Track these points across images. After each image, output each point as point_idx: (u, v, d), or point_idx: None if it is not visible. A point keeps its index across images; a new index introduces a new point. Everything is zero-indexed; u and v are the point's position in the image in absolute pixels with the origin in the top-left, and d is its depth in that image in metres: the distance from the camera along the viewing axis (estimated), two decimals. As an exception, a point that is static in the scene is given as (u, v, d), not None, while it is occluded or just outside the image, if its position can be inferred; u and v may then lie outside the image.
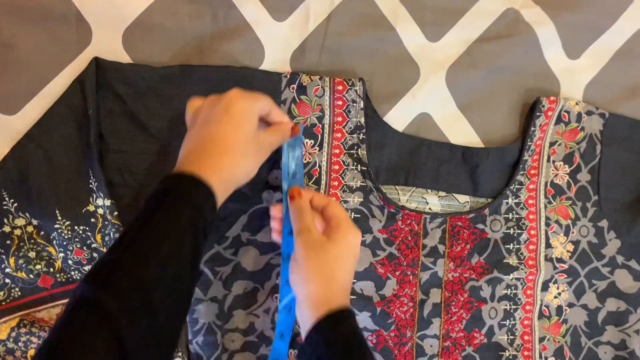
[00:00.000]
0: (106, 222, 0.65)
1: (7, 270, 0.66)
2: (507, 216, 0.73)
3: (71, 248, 0.66)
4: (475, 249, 0.72)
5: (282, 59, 0.70)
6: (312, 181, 0.69)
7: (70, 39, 0.67)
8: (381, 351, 0.70)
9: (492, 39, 0.74)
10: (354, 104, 0.70)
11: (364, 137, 0.70)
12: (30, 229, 0.66)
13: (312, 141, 0.70)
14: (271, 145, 0.59)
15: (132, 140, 0.68)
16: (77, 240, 0.66)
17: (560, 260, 0.74)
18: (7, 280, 0.66)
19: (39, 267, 0.66)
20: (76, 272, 0.67)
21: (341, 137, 0.70)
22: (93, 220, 0.66)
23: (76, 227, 0.66)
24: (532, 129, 0.73)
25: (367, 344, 0.55)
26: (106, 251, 0.49)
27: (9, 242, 0.65)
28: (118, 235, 0.49)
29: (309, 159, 0.70)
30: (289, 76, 0.69)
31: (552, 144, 0.74)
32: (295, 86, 0.69)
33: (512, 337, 0.73)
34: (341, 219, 0.60)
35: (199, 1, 0.69)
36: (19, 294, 0.66)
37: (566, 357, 0.74)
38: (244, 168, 0.56)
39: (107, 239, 0.66)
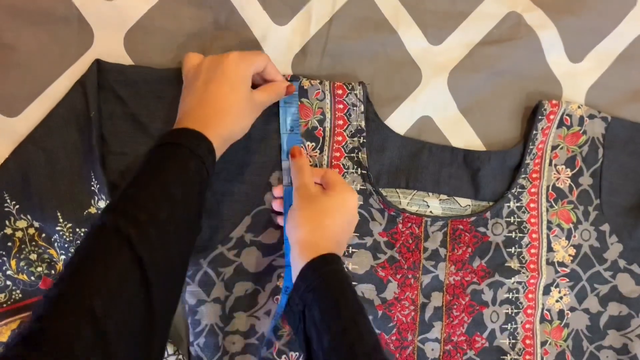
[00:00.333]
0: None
1: (9, 272, 0.66)
2: (509, 220, 0.73)
3: (72, 250, 0.66)
4: (477, 253, 0.72)
5: (284, 62, 0.70)
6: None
7: (71, 41, 0.67)
8: (382, 355, 0.70)
9: (494, 42, 0.74)
10: (355, 108, 0.69)
11: (364, 140, 0.70)
12: (31, 231, 0.66)
13: (314, 144, 0.70)
14: (264, 104, 0.64)
15: (133, 142, 0.67)
16: (79, 242, 0.66)
17: (561, 264, 0.74)
18: (9, 283, 0.66)
19: (40, 269, 0.66)
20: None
21: (342, 140, 0.70)
22: (95, 222, 0.66)
23: (78, 230, 0.65)
24: (534, 132, 0.72)
25: (352, 285, 0.59)
26: (122, 189, 0.51)
27: (10, 244, 0.65)
28: (133, 175, 0.53)
29: (311, 161, 0.70)
30: (289, 79, 0.69)
31: (554, 147, 0.74)
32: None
33: (513, 341, 0.73)
34: (337, 181, 0.64)
35: (201, 4, 0.69)
36: (20, 296, 0.66)
37: (568, 361, 0.74)
38: (239, 126, 0.61)
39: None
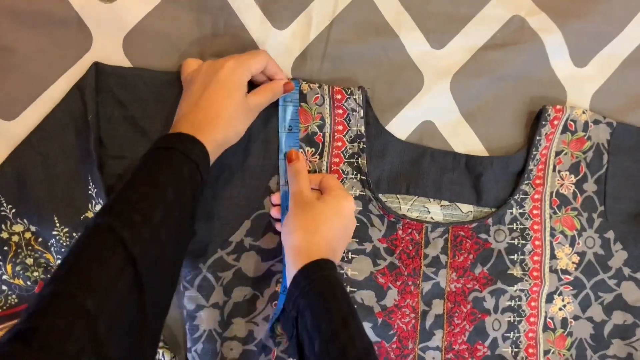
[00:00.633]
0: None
1: (4, 277, 0.65)
2: (511, 226, 0.72)
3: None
4: (479, 259, 0.71)
5: (283, 66, 0.69)
6: (312, 189, 0.68)
7: (70, 44, 0.67)
8: (382, 363, 0.69)
9: (497, 46, 0.73)
10: (354, 113, 0.69)
11: (364, 146, 0.69)
12: (28, 235, 0.65)
13: (313, 149, 0.69)
14: (259, 106, 0.65)
15: (132, 145, 0.67)
16: (74, 242, 0.65)
17: (565, 272, 0.73)
18: (4, 287, 0.66)
19: (36, 274, 0.66)
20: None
21: (342, 145, 0.69)
22: (91, 227, 0.65)
23: (74, 234, 0.65)
24: (538, 138, 0.71)
25: (346, 289, 0.59)
26: (117, 191, 0.52)
27: (6, 248, 0.65)
28: (128, 178, 0.53)
29: (310, 167, 0.69)
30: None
31: (557, 153, 0.73)
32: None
33: (516, 349, 0.72)
34: (334, 186, 0.65)
35: (200, 8, 0.69)
36: (16, 301, 0.66)
37: (571, 371, 0.73)
38: (234, 130, 0.62)
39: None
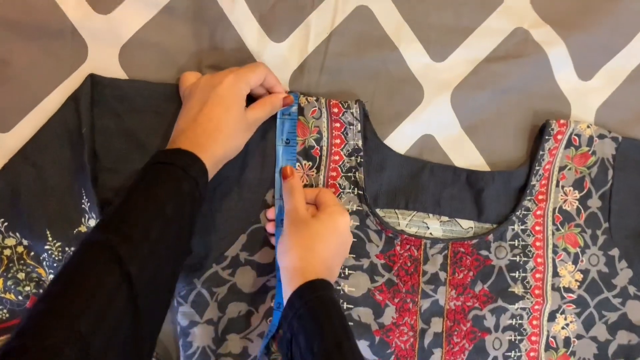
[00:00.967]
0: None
1: (-4, 291, 0.65)
2: (513, 243, 0.70)
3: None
4: (479, 277, 0.70)
5: (281, 79, 0.68)
6: (308, 203, 0.67)
7: (65, 56, 0.66)
8: (379, 382, 0.68)
9: (500, 59, 0.72)
10: (351, 127, 0.67)
11: (361, 160, 0.68)
12: (20, 249, 0.64)
13: (310, 163, 0.68)
14: (258, 120, 0.64)
15: (128, 159, 0.66)
16: (68, 257, 0.64)
17: (568, 290, 0.71)
18: (-5, 302, 0.65)
19: (28, 288, 0.65)
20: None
21: (339, 159, 0.68)
22: (84, 241, 0.64)
23: (67, 249, 0.64)
24: (541, 152, 0.70)
25: (342, 309, 0.58)
26: (114, 206, 0.52)
27: (-2, 262, 0.64)
28: (125, 193, 0.53)
29: (307, 180, 0.68)
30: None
31: (561, 168, 0.72)
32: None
33: (517, 368, 0.70)
34: (330, 202, 0.64)
35: (197, 20, 0.68)
36: (7, 315, 0.65)
37: (574, 392, 0.71)
38: (233, 145, 0.61)
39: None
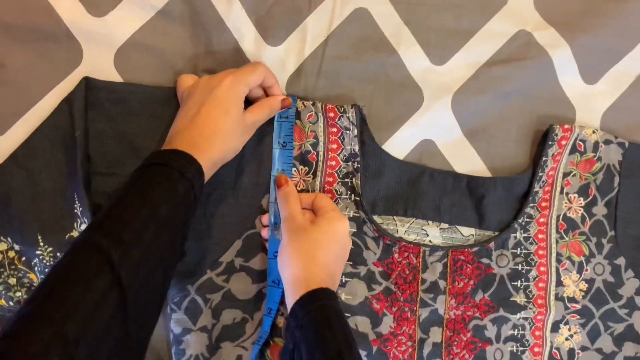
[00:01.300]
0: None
1: (-14, 297, 0.64)
2: (515, 251, 0.69)
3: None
4: (480, 285, 0.68)
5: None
6: (304, 209, 0.66)
7: (59, 59, 0.66)
8: (376, 393, 0.66)
9: (502, 62, 0.70)
10: (347, 132, 0.66)
11: (358, 165, 0.66)
12: (12, 254, 0.64)
13: (306, 168, 0.67)
14: (257, 122, 0.63)
15: (121, 163, 0.65)
16: (58, 259, 0.64)
17: (572, 300, 0.69)
18: (-15, 307, 0.64)
19: (19, 294, 0.64)
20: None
21: (336, 165, 0.67)
22: (76, 246, 0.63)
23: (58, 254, 0.63)
24: (544, 158, 0.68)
25: (345, 318, 0.58)
26: (107, 207, 0.51)
27: (-11, 267, 0.64)
28: (118, 194, 0.52)
29: (303, 186, 0.67)
30: None
31: (565, 174, 0.70)
32: None
33: (519, 380, 0.68)
34: (328, 207, 0.63)
35: (193, 24, 0.67)
36: (-3, 321, 0.65)
37: (578, 405, 0.69)
38: (231, 148, 0.60)
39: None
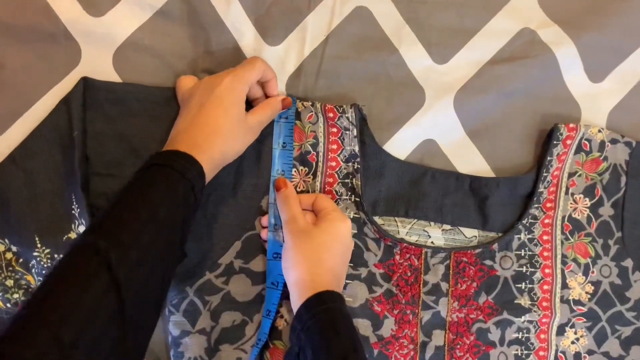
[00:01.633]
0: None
1: (-17, 299, 0.64)
2: (519, 253, 0.67)
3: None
4: (483, 288, 0.67)
5: (278, 83, 0.66)
6: (304, 210, 0.65)
7: (58, 59, 0.65)
8: (378, 397, 0.65)
9: (505, 60, 0.69)
10: (347, 132, 0.65)
11: (358, 166, 0.65)
12: (9, 255, 0.63)
13: (306, 169, 0.66)
14: (260, 124, 0.62)
15: (120, 164, 0.65)
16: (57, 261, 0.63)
17: (578, 303, 0.68)
18: (-17, 309, 0.64)
19: (16, 295, 0.64)
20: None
21: (336, 165, 0.66)
22: (74, 248, 0.63)
23: (56, 256, 0.63)
24: (549, 158, 0.67)
25: (352, 321, 0.57)
26: (106, 208, 0.51)
27: (-14, 269, 0.63)
28: (118, 195, 0.52)
29: (303, 187, 0.66)
30: None
31: (571, 174, 0.68)
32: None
33: (524, 384, 0.67)
34: (329, 209, 0.62)
35: (192, 24, 0.67)
36: (-6, 323, 0.64)
37: (584, 410, 0.68)
38: (233, 149, 0.60)
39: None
